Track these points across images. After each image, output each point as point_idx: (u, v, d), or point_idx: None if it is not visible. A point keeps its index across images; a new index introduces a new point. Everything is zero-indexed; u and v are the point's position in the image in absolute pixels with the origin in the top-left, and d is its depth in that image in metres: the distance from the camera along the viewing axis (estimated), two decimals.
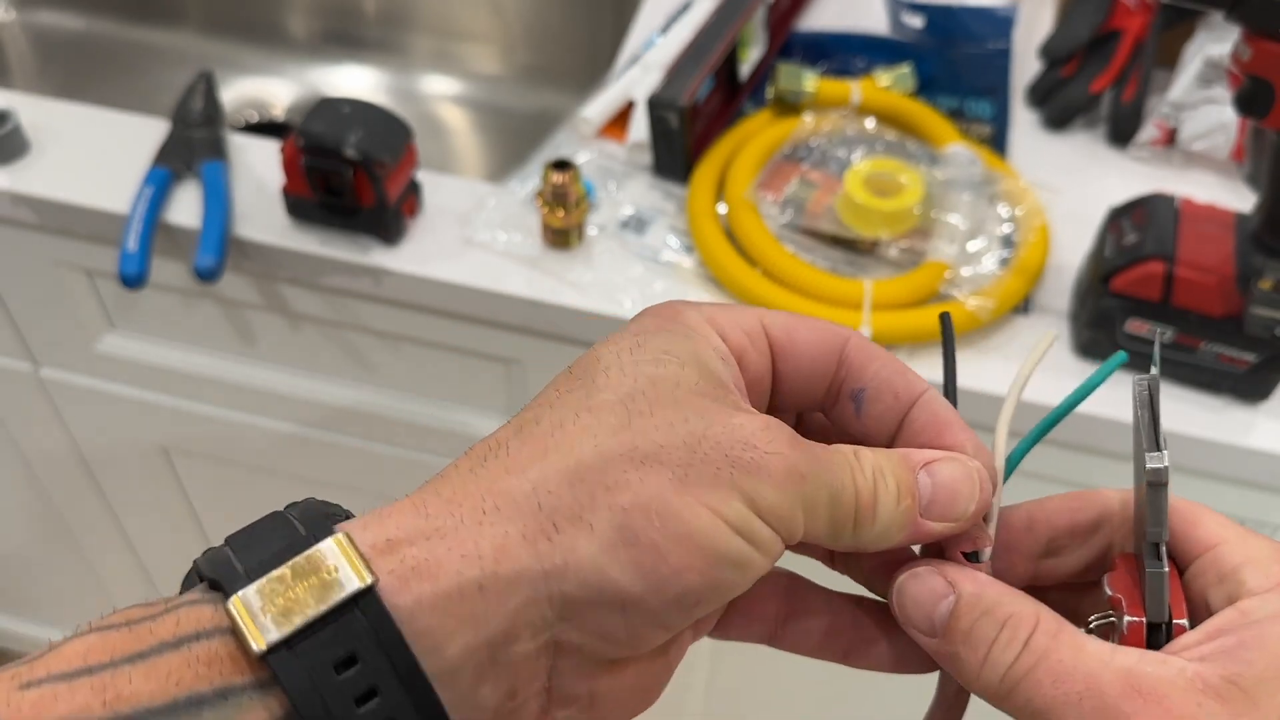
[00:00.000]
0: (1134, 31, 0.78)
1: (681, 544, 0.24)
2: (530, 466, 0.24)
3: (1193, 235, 0.62)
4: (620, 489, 0.24)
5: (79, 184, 0.71)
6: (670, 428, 0.25)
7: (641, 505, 0.24)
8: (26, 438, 0.94)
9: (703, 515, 0.24)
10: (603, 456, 0.24)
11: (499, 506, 0.24)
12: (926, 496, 0.27)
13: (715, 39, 0.74)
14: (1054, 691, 0.25)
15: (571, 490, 0.24)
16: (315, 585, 0.22)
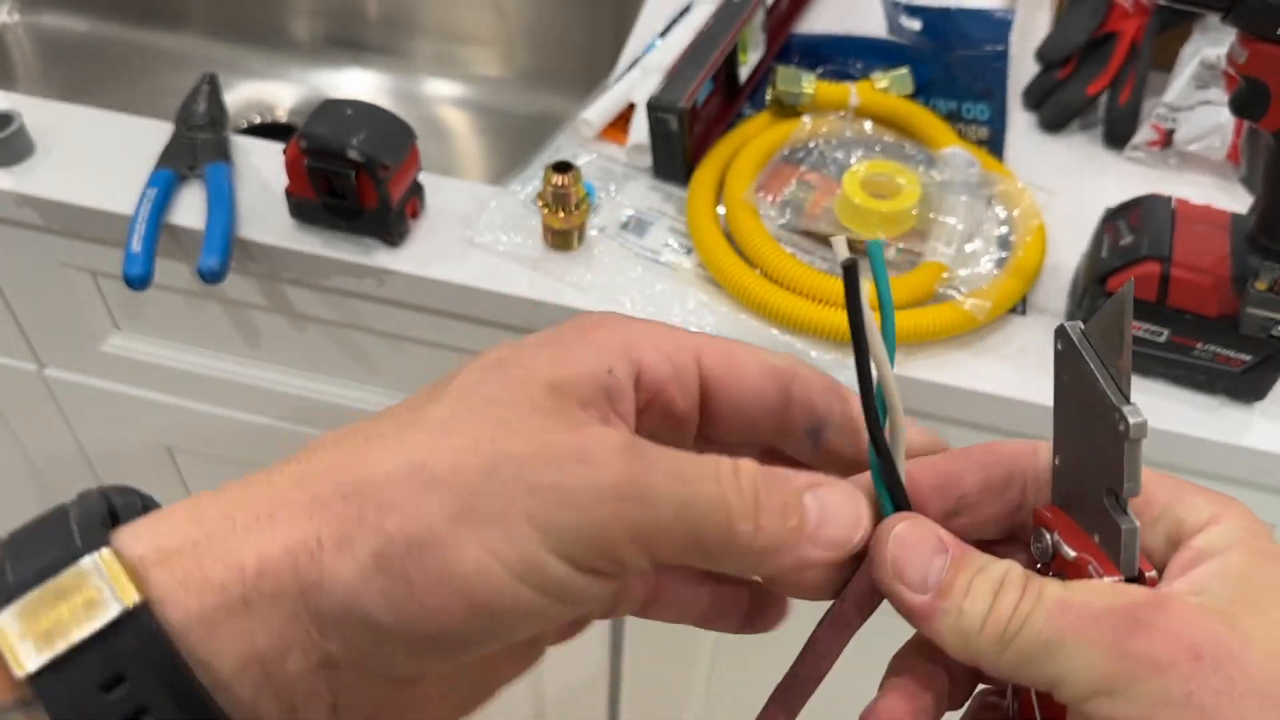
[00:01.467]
0: (1130, 34, 0.78)
1: (439, 585, 0.22)
2: (320, 477, 0.23)
3: (1188, 236, 0.62)
4: (391, 511, 0.22)
5: (84, 185, 0.71)
6: (475, 449, 0.22)
7: (406, 533, 0.22)
8: (31, 438, 0.95)
9: (468, 558, 0.22)
10: (387, 475, 0.22)
11: (274, 515, 0.22)
12: (814, 520, 0.25)
13: (715, 42, 0.74)
14: (1064, 619, 0.24)
15: (344, 505, 0.22)
16: (80, 605, 0.21)
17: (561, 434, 0.23)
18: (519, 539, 0.22)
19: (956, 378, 0.64)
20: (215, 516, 0.23)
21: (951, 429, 0.68)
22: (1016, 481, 0.29)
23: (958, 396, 0.64)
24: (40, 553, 0.23)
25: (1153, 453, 0.64)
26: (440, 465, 0.22)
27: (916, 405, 0.66)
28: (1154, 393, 0.64)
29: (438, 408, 0.23)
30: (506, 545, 0.22)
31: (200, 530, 0.23)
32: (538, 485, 0.22)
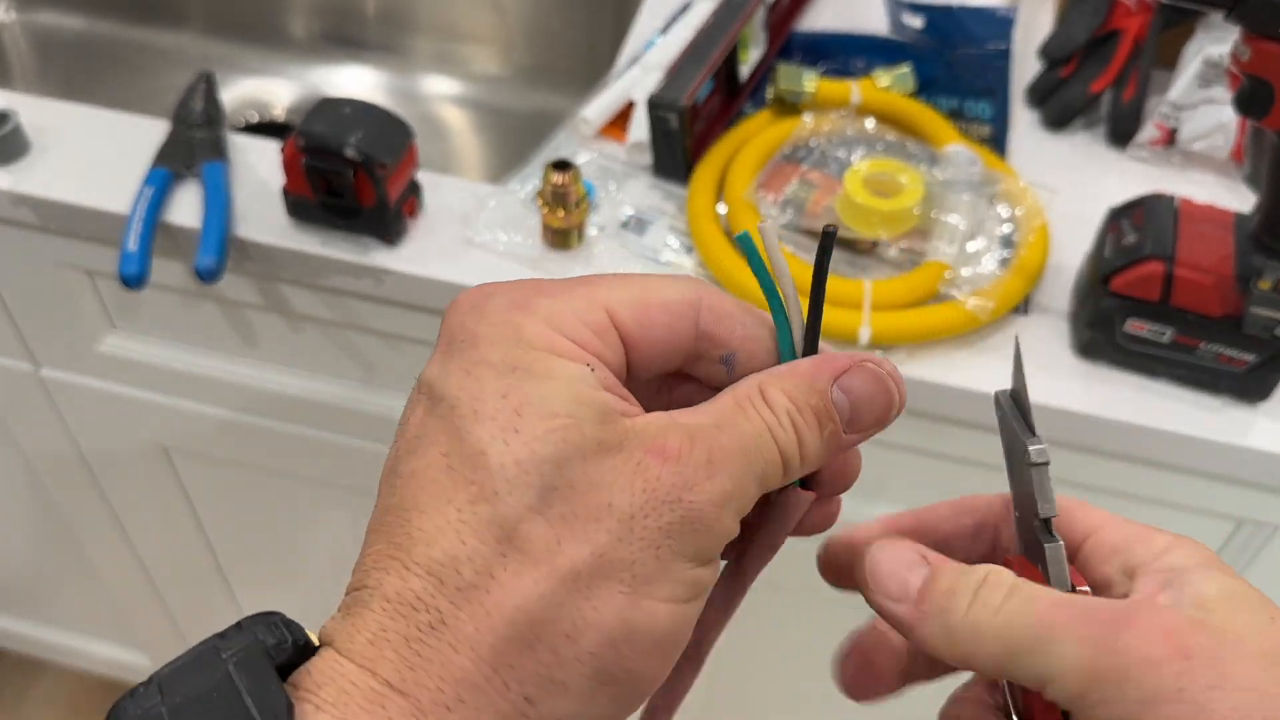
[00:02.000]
0: (1133, 32, 0.78)
1: (653, 654, 0.23)
2: (476, 636, 0.22)
3: (1192, 235, 0.62)
4: (581, 633, 0.22)
5: (80, 184, 0.71)
6: (598, 524, 0.23)
7: (607, 640, 0.22)
8: (27, 438, 0.95)
9: (663, 614, 0.23)
10: (550, 604, 0.22)
11: (462, 698, 0.22)
12: (846, 414, 0.26)
13: (715, 40, 0.74)
14: (1055, 612, 0.25)
15: (533, 654, 0.22)
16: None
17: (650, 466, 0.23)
18: (681, 573, 0.23)
19: (959, 378, 0.64)
20: (399, 712, 0.22)
21: (953, 429, 0.68)
22: (987, 530, 0.31)
23: (960, 397, 0.64)
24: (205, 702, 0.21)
25: (1156, 453, 0.64)
26: (586, 564, 0.22)
27: (918, 405, 0.66)
28: (1157, 393, 0.64)
29: (517, 502, 0.23)
30: (678, 587, 0.23)
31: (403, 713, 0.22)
32: (670, 528, 0.23)
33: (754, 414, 0.25)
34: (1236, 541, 0.71)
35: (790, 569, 0.86)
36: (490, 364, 0.24)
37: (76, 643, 1.28)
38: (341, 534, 0.96)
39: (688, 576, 0.24)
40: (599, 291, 0.26)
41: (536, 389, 0.23)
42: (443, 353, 0.25)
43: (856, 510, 0.76)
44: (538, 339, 0.24)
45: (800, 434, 0.26)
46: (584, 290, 0.26)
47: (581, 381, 0.24)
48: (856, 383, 0.27)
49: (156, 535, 1.03)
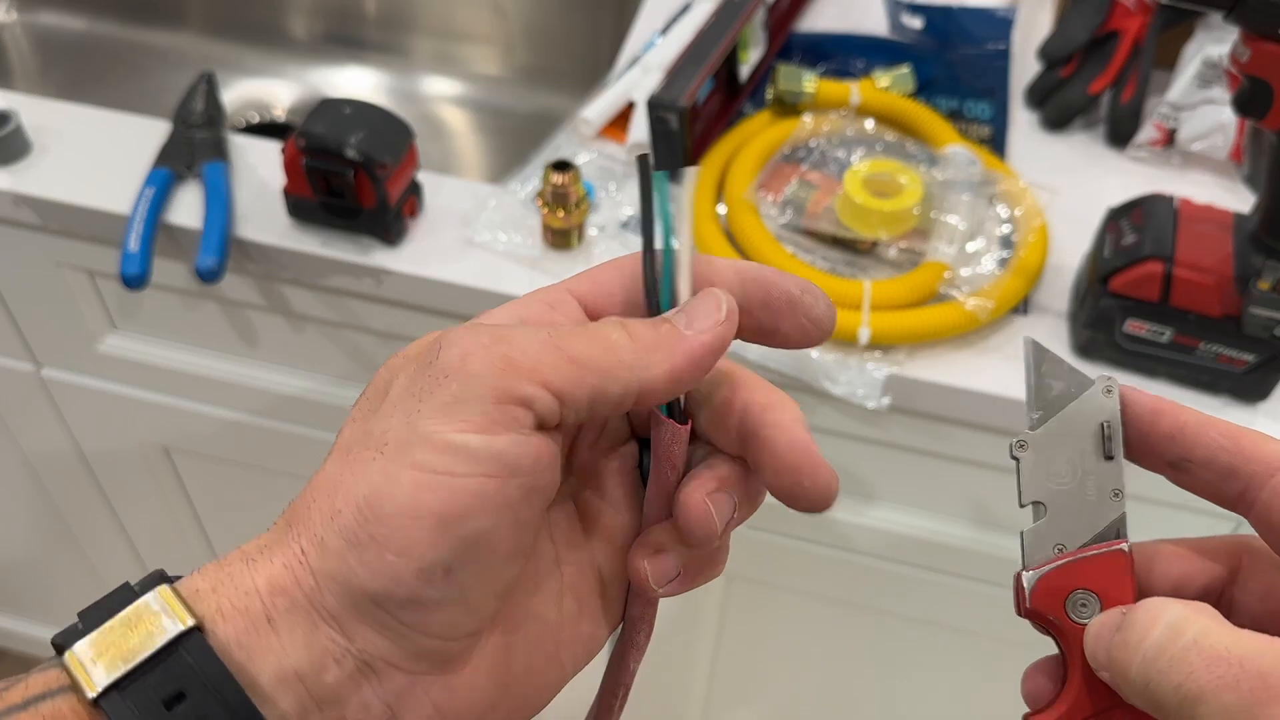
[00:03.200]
0: (1132, 32, 0.78)
1: (397, 525, 0.24)
2: (293, 506, 0.26)
3: (1191, 236, 0.62)
4: (337, 494, 0.25)
5: (80, 185, 0.71)
6: (370, 403, 0.26)
7: (354, 503, 0.24)
8: (28, 438, 0.95)
9: (405, 482, 0.24)
10: (328, 474, 0.25)
11: (269, 545, 0.25)
12: (684, 321, 0.27)
13: (715, 40, 0.74)
14: (1207, 675, 0.24)
15: (308, 512, 0.25)
16: (142, 633, 0.24)
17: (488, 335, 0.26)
18: (434, 444, 0.24)
19: (958, 378, 0.64)
20: (233, 559, 0.26)
21: (953, 429, 0.68)
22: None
23: (960, 397, 0.64)
24: (107, 607, 0.25)
25: None
26: (350, 436, 0.26)
27: (918, 405, 0.66)
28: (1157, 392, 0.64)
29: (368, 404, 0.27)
30: (431, 455, 0.24)
31: (224, 571, 0.25)
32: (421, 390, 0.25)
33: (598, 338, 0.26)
34: None
35: (789, 569, 0.86)
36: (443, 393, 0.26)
37: None
38: None
39: (443, 443, 0.24)
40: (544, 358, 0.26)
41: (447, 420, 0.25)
42: None
43: (855, 509, 0.77)
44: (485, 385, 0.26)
45: (632, 330, 0.26)
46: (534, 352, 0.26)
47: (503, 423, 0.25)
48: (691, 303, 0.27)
49: (156, 535, 1.03)
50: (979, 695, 0.92)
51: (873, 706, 0.97)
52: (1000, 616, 0.81)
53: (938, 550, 0.77)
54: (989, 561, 0.76)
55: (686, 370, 0.26)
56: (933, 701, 0.94)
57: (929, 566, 0.78)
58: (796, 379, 0.65)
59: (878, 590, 0.82)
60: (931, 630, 0.85)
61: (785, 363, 0.65)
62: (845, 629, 0.88)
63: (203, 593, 0.25)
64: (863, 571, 0.80)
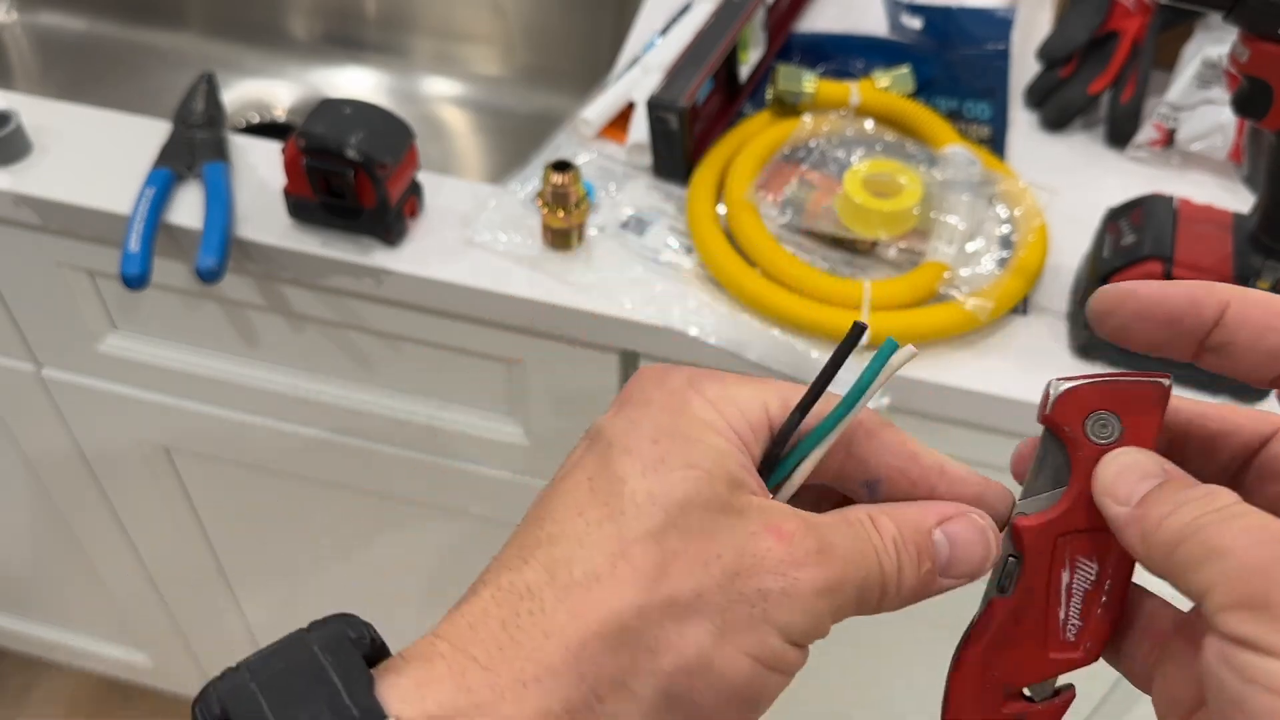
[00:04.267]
0: (1132, 33, 0.78)
1: (724, 699, 0.25)
2: (569, 627, 0.24)
3: (1190, 236, 0.62)
4: (662, 651, 0.24)
5: (81, 185, 0.71)
6: (705, 568, 0.24)
7: (684, 667, 0.24)
8: (28, 438, 0.95)
9: (743, 667, 0.25)
10: (643, 616, 0.24)
11: (539, 678, 0.23)
12: (944, 557, 0.28)
13: (715, 41, 0.74)
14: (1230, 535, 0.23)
15: (614, 656, 0.24)
16: None
17: (763, 537, 0.25)
18: (768, 639, 0.25)
19: (958, 378, 0.64)
20: (478, 684, 0.23)
21: (953, 429, 0.68)
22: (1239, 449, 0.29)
23: (959, 397, 0.64)
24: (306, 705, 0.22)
25: None
26: (686, 594, 0.24)
27: (918, 405, 0.66)
28: None
29: (640, 525, 0.25)
30: (762, 649, 0.25)
31: (468, 699, 0.23)
32: (770, 594, 0.25)
33: (863, 534, 0.27)
34: None
35: None
36: (653, 419, 0.27)
37: (77, 643, 1.28)
38: (342, 534, 0.96)
39: (774, 644, 0.25)
40: (764, 388, 0.28)
41: (685, 444, 0.26)
42: (616, 407, 0.28)
43: None
44: (700, 412, 0.27)
45: (901, 563, 0.27)
46: (754, 386, 0.28)
47: (727, 455, 0.26)
48: (959, 530, 0.28)
49: (157, 535, 1.03)
50: None
51: (872, 706, 0.97)
52: None
53: None
54: None
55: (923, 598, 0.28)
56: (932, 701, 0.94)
57: None
58: (796, 379, 0.65)
59: None
60: (931, 630, 0.85)
61: (785, 362, 0.65)
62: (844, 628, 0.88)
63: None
64: None
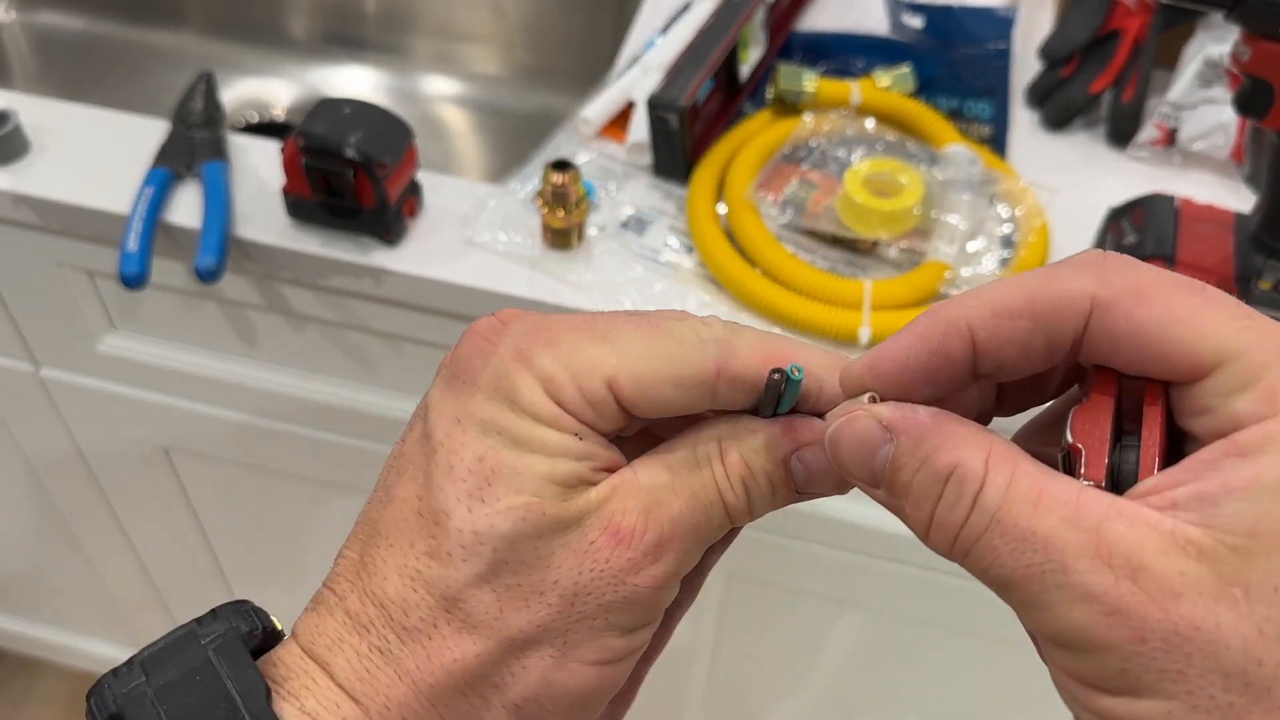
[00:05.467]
0: (1133, 32, 0.78)
1: (570, 706, 0.26)
2: (417, 673, 0.25)
3: (1192, 235, 0.62)
4: (508, 686, 0.25)
5: (80, 184, 0.71)
6: (541, 599, 0.25)
7: (530, 695, 0.25)
8: (27, 438, 0.95)
9: (587, 676, 0.25)
10: (485, 661, 0.25)
11: (404, 717, 0.25)
12: (801, 479, 0.27)
13: (715, 40, 0.74)
14: (1012, 562, 0.21)
15: (464, 698, 0.25)
16: None
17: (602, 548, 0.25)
18: (612, 641, 0.25)
19: None
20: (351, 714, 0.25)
21: None
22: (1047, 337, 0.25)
23: None
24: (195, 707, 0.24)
25: None
26: (524, 633, 0.25)
27: None
28: None
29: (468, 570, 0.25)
30: (606, 653, 0.25)
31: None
32: (612, 605, 0.25)
33: (709, 476, 0.26)
34: None
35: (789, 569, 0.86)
36: (479, 421, 0.25)
37: (76, 643, 1.28)
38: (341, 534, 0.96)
39: (617, 644, 0.26)
40: (605, 357, 0.25)
41: (511, 460, 0.25)
42: (444, 382, 0.26)
43: (856, 509, 0.76)
44: (529, 403, 0.25)
45: (751, 496, 0.26)
46: (590, 351, 0.25)
47: (560, 453, 0.25)
48: (812, 458, 0.26)
49: (156, 535, 1.03)
50: (979, 695, 0.92)
51: (872, 706, 0.97)
52: (1000, 616, 0.81)
53: None
54: None
55: None
56: (932, 701, 0.94)
57: (929, 566, 0.78)
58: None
59: (878, 590, 0.82)
60: (931, 630, 0.85)
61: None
62: (845, 629, 0.88)
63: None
64: (863, 571, 0.80)
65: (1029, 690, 0.89)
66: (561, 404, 0.25)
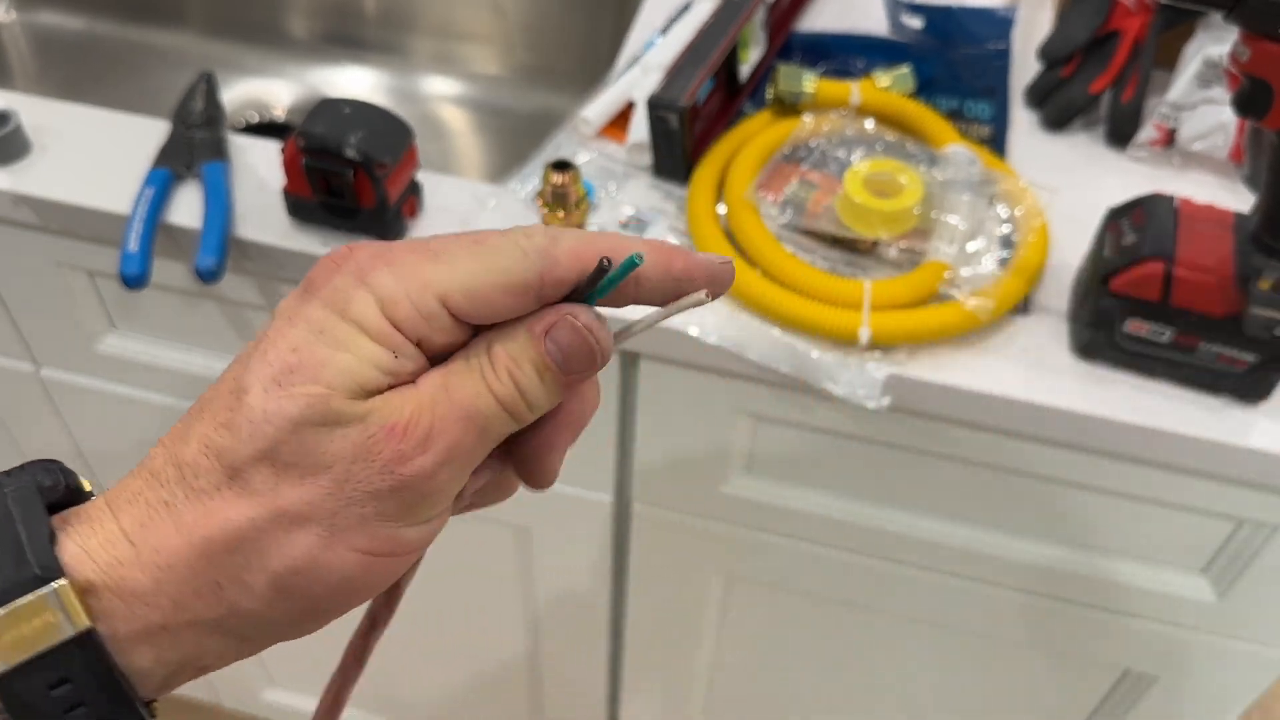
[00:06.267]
0: (1133, 32, 0.78)
1: (333, 590, 0.28)
2: (194, 529, 0.27)
3: (1192, 235, 0.62)
4: (272, 554, 0.27)
5: (80, 185, 0.71)
6: (314, 480, 0.27)
7: (292, 568, 0.27)
8: (27, 438, 0.95)
9: (350, 560, 0.28)
10: (255, 527, 0.27)
11: (172, 565, 0.27)
12: (557, 358, 0.29)
13: (715, 40, 0.74)
14: None
15: (231, 557, 0.27)
16: (39, 627, 0.26)
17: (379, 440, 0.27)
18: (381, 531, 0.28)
19: (959, 378, 0.64)
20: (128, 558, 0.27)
21: (954, 430, 0.68)
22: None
23: (960, 397, 0.64)
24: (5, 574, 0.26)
25: (1156, 453, 0.64)
26: (295, 508, 0.27)
27: (919, 405, 0.66)
28: (1157, 393, 0.64)
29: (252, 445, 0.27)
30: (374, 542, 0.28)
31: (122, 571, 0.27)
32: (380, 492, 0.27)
33: (476, 373, 0.29)
34: (1236, 541, 0.71)
35: (789, 569, 0.86)
36: (308, 320, 0.28)
37: None
38: None
39: (386, 534, 0.28)
40: (438, 274, 0.28)
41: (320, 355, 0.27)
42: (293, 295, 0.29)
43: (856, 509, 0.77)
44: (358, 314, 0.28)
45: (520, 385, 0.29)
46: (425, 270, 0.28)
47: (369, 362, 0.27)
48: (561, 335, 0.29)
49: None
50: (979, 695, 0.92)
51: (873, 706, 0.97)
52: (1000, 616, 0.81)
53: (938, 550, 0.77)
54: (989, 561, 0.76)
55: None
56: (932, 701, 0.94)
57: (929, 566, 0.78)
58: (797, 379, 0.65)
59: (878, 590, 0.82)
60: (931, 630, 0.85)
61: (785, 362, 0.65)
62: (845, 629, 0.88)
63: (104, 585, 0.27)
64: (863, 571, 0.80)
65: (1029, 690, 0.89)
66: (397, 321, 0.28)
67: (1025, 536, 0.75)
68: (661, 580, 0.88)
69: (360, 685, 0.34)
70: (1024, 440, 0.66)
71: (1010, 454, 0.68)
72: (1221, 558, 0.72)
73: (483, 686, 1.08)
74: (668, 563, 0.86)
